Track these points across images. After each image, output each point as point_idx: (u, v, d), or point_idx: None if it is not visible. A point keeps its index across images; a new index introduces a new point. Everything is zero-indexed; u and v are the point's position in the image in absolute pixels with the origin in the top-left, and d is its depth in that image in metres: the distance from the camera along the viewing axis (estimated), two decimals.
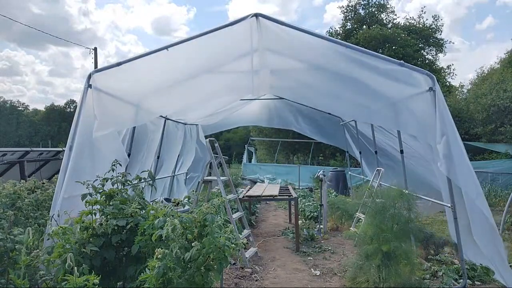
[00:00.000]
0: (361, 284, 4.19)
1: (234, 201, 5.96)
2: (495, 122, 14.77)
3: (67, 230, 2.86)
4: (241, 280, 4.60)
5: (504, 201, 9.50)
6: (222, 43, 4.62)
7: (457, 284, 4.29)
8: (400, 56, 17.57)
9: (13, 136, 43.73)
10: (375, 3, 23.04)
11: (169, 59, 4.50)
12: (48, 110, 50.37)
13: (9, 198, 3.85)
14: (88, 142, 4.01)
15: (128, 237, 3.10)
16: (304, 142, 21.15)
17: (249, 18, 4.17)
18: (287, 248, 6.13)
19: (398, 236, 3.97)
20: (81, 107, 3.96)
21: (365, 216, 5.58)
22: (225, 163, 6.26)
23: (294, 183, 14.91)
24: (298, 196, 7.66)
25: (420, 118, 4.48)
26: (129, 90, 4.69)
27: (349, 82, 5.34)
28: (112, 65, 4.18)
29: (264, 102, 10.19)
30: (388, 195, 4.31)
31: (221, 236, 2.73)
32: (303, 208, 8.68)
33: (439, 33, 22.00)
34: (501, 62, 21.33)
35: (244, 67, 5.41)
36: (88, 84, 3.98)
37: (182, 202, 3.39)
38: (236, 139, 35.53)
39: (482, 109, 14.95)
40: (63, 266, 2.59)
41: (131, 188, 3.69)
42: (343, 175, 12.83)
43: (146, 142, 6.79)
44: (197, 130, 9.77)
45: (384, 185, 6.57)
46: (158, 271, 2.45)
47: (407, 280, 3.97)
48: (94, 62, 20.71)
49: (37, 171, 8.57)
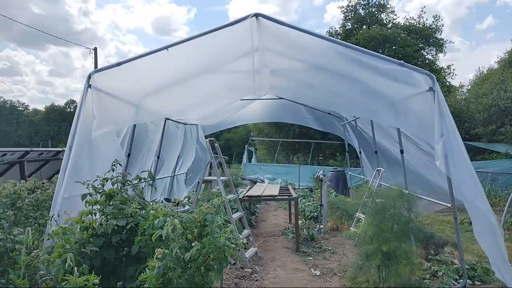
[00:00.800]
0: (361, 284, 4.19)
1: (234, 201, 5.96)
2: (495, 122, 14.77)
3: (67, 230, 2.86)
4: (241, 280, 4.60)
5: (504, 201, 9.51)
6: (222, 43, 4.62)
7: (457, 284, 4.29)
8: (400, 56, 17.55)
9: (13, 136, 43.75)
10: (375, 3, 23.04)
11: (169, 59, 4.50)
12: (48, 110, 50.37)
13: (9, 198, 3.85)
14: (88, 142, 4.02)
15: (128, 237, 3.10)
16: (304, 142, 21.18)
17: (249, 18, 4.16)
18: (287, 248, 6.13)
19: (398, 236, 3.97)
20: (81, 107, 3.96)
21: (365, 216, 5.58)
22: (225, 163, 6.26)
23: (294, 183, 14.91)
24: (298, 196, 7.66)
25: (420, 117, 4.48)
26: (129, 90, 4.69)
27: (349, 82, 5.34)
28: (112, 65, 4.18)
29: (264, 101, 10.20)
30: (388, 195, 4.31)
31: (221, 236, 2.73)
32: (303, 208, 8.68)
33: (439, 33, 22.01)
34: (501, 62, 21.31)
35: (245, 67, 5.41)
36: (88, 84, 3.98)
37: (182, 202, 3.39)
38: (236, 139, 35.52)
39: (483, 109, 14.95)
40: (63, 266, 2.59)
41: (131, 188, 3.69)
42: (343, 175, 12.84)
43: (146, 142, 6.79)
44: (197, 130, 9.77)
45: (384, 185, 6.57)
46: (158, 271, 2.45)
47: (407, 280, 3.97)
48: (94, 62, 20.74)
49: (37, 171, 8.57)
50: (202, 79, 5.55)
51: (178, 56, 4.54)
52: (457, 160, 3.90)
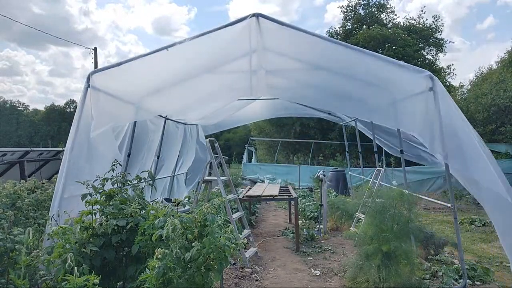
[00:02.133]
0: (361, 284, 4.19)
1: (234, 201, 5.96)
2: (495, 122, 14.76)
3: (67, 230, 2.86)
4: (241, 280, 4.60)
5: None
6: (222, 44, 4.62)
7: (457, 284, 4.29)
8: (400, 56, 17.53)
9: (13, 136, 43.71)
10: (375, 3, 23.00)
11: (168, 59, 4.50)
12: (48, 110, 50.34)
13: (9, 198, 3.85)
14: (88, 143, 4.02)
15: (128, 237, 3.10)
16: (304, 142, 21.16)
17: (248, 18, 4.17)
18: (287, 248, 6.13)
19: (398, 236, 3.97)
20: (81, 107, 3.96)
21: (365, 216, 5.58)
22: (225, 163, 6.26)
23: (294, 183, 14.91)
24: (298, 196, 7.66)
25: (421, 117, 4.48)
26: (129, 90, 4.69)
27: (349, 82, 5.35)
28: (112, 65, 4.18)
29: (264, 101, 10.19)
30: (388, 195, 4.31)
31: (221, 236, 2.73)
32: (303, 208, 8.68)
33: (439, 33, 21.96)
34: (500, 62, 21.31)
35: (244, 67, 5.42)
36: (87, 85, 3.98)
37: (182, 202, 3.40)
38: (236, 139, 35.50)
39: (483, 109, 14.94)
40: (63, 266, 2.59)
41: (131, 188, 3.69)
42: (343, 175, 12.83)
43: (146, 142, 6.79)
44: (197, 130, 9.77)
45: (384, 185, 6.57)
46: (158, 271, 2.45)
47: (407, 280, 3.97)
48: (94, 62, 20.74)
49: (37, 171, 8.57)
50: (202, 79, 5.56)
51: (177, 56, 4.54)
52: (468, 154, 3.86)
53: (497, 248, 6.18)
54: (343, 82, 5.56)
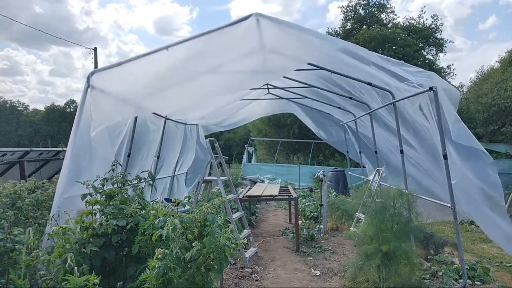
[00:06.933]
0: (361, 284, 4.19)
1: (234, 201, 5.96)
2: (496, 122, 14.76)
3: (67, 230, 2.86)
4: (241, 280, 4.60)
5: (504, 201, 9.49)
6: (223, 43, 4.62)
7: (457, 284, 4.29)
8: (400, 56, 17.53)
9: (13, 136, 43.71)
10: (375, 3, 23.00)
11: (169, 59, 4.50)
12: (48, 110, 50.36)
13: (9, 198, 3.85)
14: (88, 143, 4.02)
15: (128, 237, 3.11)
16: (304, 142, 21.15)
17: (250, 18, 4.17)
18: (287, 248, 6.13)
19: (398, 236, 3.97)
20: (82, 107, 3.96)
21: (365, 216, 5.58)
22: (225, 163, 6.26)
23: (294, 183, 14.90)
24: (298, 196, 7.65)
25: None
26: (129, 89, 4.69)
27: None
28: (112, 65, 4.19)
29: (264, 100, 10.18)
30: (388, 195, 4.31)
31: (221, 236, 2.73)
32: (303, 208, 8.68)
33: (439, 33, 21.98)
34: (501, 62, 21.27)
35: (245, 67, 5.41)
36: (88, 85, 3.99)
37: (182, 202, 3.40)
38: (236, 139, 35.51)
39: (483, 108, 14.94)
40: (63, 266, 2.59)
41: (131, 188, 3.69)
42: (343, 175, 12.82)
43: (146, 142, 6.79)
44: (197, 130, 9.77)
45: (384, 185, 6.57)
46: (158, 271, 2.45)
47: (407, 280, 3.97)
48: (94, 62, 20.72)
49: (37, 171, 8.56)
50: (202, 79, 5.54)
51: (178, 56, 4.53)
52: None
53: (497, 248, 6.19)
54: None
